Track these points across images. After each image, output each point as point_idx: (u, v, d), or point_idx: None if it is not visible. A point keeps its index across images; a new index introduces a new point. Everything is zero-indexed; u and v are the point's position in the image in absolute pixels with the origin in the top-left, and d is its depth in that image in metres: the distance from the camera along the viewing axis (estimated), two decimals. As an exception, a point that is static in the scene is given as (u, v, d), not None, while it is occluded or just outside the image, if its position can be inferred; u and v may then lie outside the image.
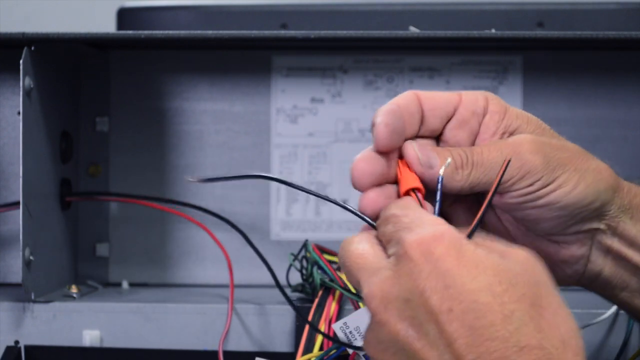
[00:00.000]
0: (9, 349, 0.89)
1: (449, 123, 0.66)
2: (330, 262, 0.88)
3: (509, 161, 0.62)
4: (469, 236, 0.57)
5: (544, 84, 1.04)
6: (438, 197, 0.62)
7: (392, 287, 0.55)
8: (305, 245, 0.90)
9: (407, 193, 0.63)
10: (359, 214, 0.64)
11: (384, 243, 0.59)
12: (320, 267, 0.86)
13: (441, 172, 0.62)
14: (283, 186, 1.06)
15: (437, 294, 0.54)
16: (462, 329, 0.53)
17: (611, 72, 1.04)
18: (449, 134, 0.66)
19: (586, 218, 0.67)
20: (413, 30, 0.97)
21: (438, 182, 0.62)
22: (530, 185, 0.65)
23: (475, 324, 0.53)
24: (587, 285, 0.70)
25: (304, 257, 0.89)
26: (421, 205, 0.61)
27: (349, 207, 0.66)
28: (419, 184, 0.63)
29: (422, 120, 0.66)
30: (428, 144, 0.66)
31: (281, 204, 1.05)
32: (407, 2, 1.15)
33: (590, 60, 1.04)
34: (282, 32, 1.06)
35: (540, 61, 1.04)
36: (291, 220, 1.05)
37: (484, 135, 0.66)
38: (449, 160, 0.63)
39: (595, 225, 0.67)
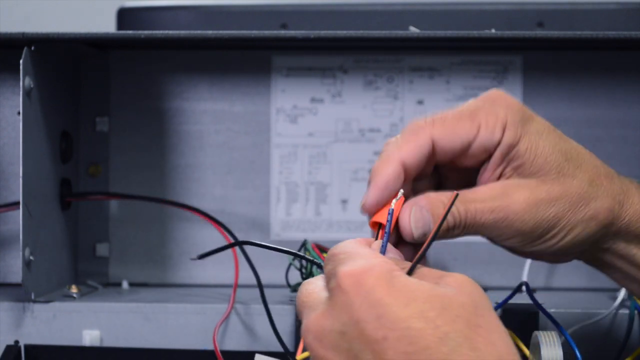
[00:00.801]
0: (8, 348, 0.89)
1: (463, 152, 0.67)
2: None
3: (456, 196, 0.62)
4: (409, 273, 0.58)
5: (544, 84, 1.04)
6: (387, 229, 0.63)
7: (327, 320, 0.56)
8: (304, 244, 0.90)
9: (373, 224, 0.65)
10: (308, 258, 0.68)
11: (326, 281, 0.60)
12: (319, 267, 0.86)
13: (393, 204, 0.64)
14: (283, 186, 1.06)
15: (371, 324, 0.54)
16: (397, 356, 0.53)
17: (611, 72, 1.04)
18: (458, 160, 0.68)
19: (578, 250, 0.69)
20: (413, 30, 0.97)
21: (388, 214, 0.64)
22: (518, 242, 0.67)
23: (410, 349, 0.53)
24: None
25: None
26: (376, 238, 0.63)
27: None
28: (383, 221, 0.65)
29: (430, 159, 0.67)
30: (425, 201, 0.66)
31: (281, 204, 1.05)
32: (407, 2, 1.15)
33: (590, 60, 1.04)
34: (282, 32, 1.06)
35: (540, 61, 1.04)
36: (291, 220, 1.05)
37: (490, 166, 0.68)
38: (401, 191, 0.64)
39: (589, 248, 0.69)
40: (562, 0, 1.14)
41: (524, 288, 0.79)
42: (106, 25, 1.34)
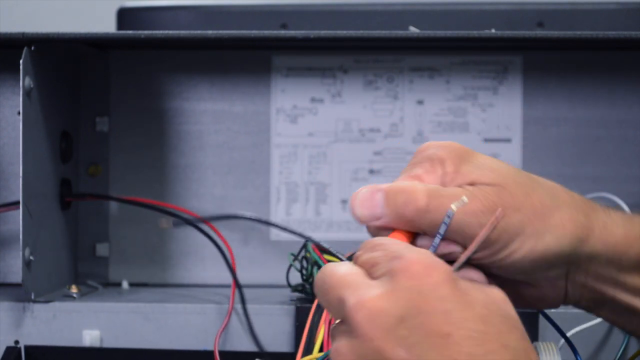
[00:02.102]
0: (9, 350, 0.89)
1: None
2: (331, 262, 0.88)
3: (499, 214, 0.61)
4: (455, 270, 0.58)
5: (544, 84, 1.04)
6: (441, 231, 0.60)
7: (385, 302, 0.54)
8: (305, 245, 0.90)
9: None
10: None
11: (367, 268, 0.58)
12: (320, 268, 0.86)
13: (453, 206, 0.61)
14: (283, 186, 1.06)
15: (437, 317, 0.53)
16: (460, 355, 0.53)
17: (611, 72, 1.04)
18: None
19: (553, 267, 0.65)
20: (413, 30, 0.97)
21: (447, 216, 0.61)
22: (486, 253, 0.63)
23: (474, 351, 0.53)
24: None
25: (304, 257, 0.89)
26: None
27: None
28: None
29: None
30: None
31: (281, 204, 1.05)
32: (407, 2, 1.15)
33: (590, 60, 1.04)
34: (282, 32, 1.06)
35: (540, 61, 1.04)
36: (291, 220, 1.05)
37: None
38: (464, 198, 0.62)
39: (564, 269, 0.66)
40: (562, 0, 1.14)
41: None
42: (106, 25, 1.33)
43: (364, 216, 0.64)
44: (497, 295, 0.57)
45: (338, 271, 0.58)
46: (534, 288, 0.67)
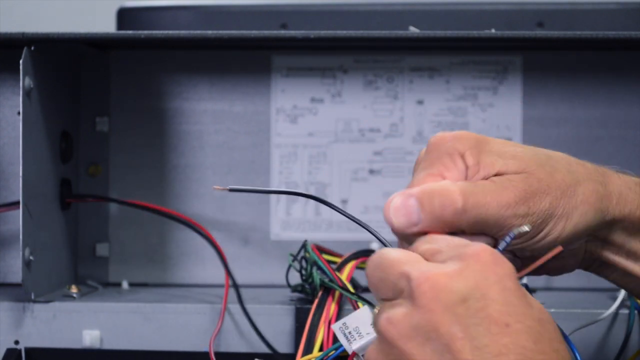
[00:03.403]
0: (9, 352, 0.89)
1: None
2: (330, 262, 0.88)
3: (559, 251, 0.62)
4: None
5: (544, 84, 1.04)
6: (500, 248, 0.62)
7: (451, 280, 0.55)
8: (304, 245, 0.90)
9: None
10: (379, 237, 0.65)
11: (427, 256, 0.59)
12: (319, 268, 0.86)
13: (515, 230, 0.63)
14: (283, 186, 1.06)
15: (498, 305, 0.54)
16: (514, 347, 0.54)
17: (611, 72, 1.04)
18: None
19: (578, 240, 0.68)
20: (413, 30, 0.97)
21: (509, 237, 0.62)
22: (518, 241, 0.65)
23: (528, 346, 0.54)
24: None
25: (303, 257, 0.89)
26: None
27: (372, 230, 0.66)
28: None
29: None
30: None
31: (281, 204, 1.05)
32: (407, 2, 1.15)
33: (590, 60, 1.04)
34: (282, 32, 1.06)
35: (540, 61, 1.04)
36: (291, 220, 1.05)
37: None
38: (526, 228, 0.63)
39: (585, 239, 0.69)
40: (562, 0, 1.14)
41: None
42: (106, 25, 1.33)
43: (401, 225, 0.64)
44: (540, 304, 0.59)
45: (398, 253, 0.59)
46: (557, 260, 0.68)
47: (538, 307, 0.56)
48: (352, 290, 0.82)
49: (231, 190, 0.68)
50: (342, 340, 0.70)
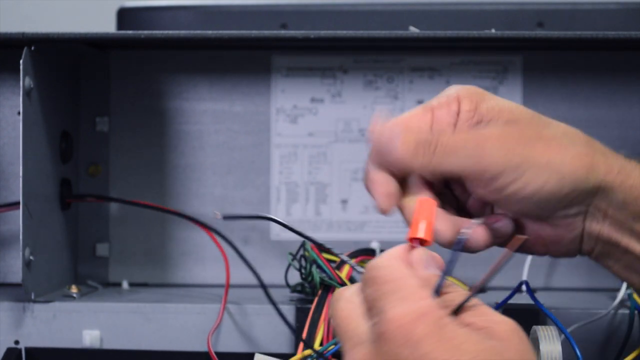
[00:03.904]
0: (9, 351, 0.89)
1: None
2: (329, 260, 0.88)
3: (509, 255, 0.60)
4: (456, 311, 0.56)
5: (544, 84, 1.04)
6: (443, 273, 0.59)
7: None
8: (303, 244, 0.90)
9: (412, 240, 0.61)
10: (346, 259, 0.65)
11: (367, 305, 0.58)
12: (319, 266, 0.86)
13: (464, 236, 0.63)
14: (283, 186, 1.06)
15: None
16: None
17: (611, 72, 1.04)
18: None
19: (571, 204, 0.67)
20: (413, 30, 0.97)
21: (457, 244, 0.62)
22: (494, 180, 0.65)
23: None
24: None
25: (303, 256, 0.89)
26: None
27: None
28: (429, 237, 0.61)
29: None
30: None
31: (281, 204, 1.05)
32: (407, 2, 1.15)
33: (590, 60, 1.04)
34: (282, 32, 1.06)
35: (540, 61, 1.04)
36: (291, 220, 1.05)
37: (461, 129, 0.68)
38: (473, 224, 0.65)
39: (583, 209, 0.68)
40: (562, 0, 1.14)
41: (524, 287, 0.79)
42: (106, 25, 1.33)
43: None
44: (501, 332, 0.55)
45: (341, 312, 0.58)
46: (551, 227, 0.68)
47: (471, 352, 0.53)
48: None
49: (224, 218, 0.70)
50: None
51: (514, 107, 0.68)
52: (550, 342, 0.69)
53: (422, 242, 0.61)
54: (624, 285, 0.90)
